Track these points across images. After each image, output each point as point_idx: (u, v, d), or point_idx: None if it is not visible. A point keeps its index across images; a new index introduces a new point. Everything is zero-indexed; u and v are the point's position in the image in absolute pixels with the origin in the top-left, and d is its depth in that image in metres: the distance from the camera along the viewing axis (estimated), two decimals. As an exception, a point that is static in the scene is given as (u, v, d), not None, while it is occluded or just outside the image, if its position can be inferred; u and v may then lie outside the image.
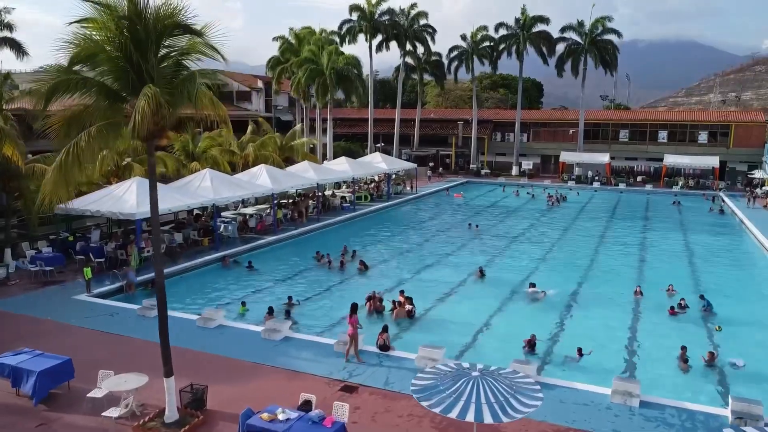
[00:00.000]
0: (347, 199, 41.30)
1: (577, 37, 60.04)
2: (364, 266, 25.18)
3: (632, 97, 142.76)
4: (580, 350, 16.08)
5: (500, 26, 62.16)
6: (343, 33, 59.34)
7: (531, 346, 16.55)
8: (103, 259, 23.72)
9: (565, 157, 59.50)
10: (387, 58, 66.29)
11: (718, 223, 38.30)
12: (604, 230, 35.50)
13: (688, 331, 18.37)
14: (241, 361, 15.18)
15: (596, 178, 57.31)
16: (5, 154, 21.87)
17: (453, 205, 45.12)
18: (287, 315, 18.96)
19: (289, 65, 54.21)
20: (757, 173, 51.77)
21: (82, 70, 11.13)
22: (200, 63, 11.83)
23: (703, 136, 58.87)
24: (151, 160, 11.82)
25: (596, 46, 58.87)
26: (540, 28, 60.82)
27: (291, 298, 20.32)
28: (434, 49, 64.78)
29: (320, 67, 50.93)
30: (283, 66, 55.53)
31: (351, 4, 58.68)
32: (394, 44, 61.38)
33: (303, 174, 35.20)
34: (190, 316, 18.37)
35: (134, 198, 23.24)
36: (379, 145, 59.23)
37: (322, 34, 57.99)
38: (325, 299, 21.59)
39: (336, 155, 51.93)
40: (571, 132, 62.24)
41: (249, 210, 35.34)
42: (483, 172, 62.75)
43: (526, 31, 60.51)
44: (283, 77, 56.53)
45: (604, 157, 57.92)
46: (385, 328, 16.21)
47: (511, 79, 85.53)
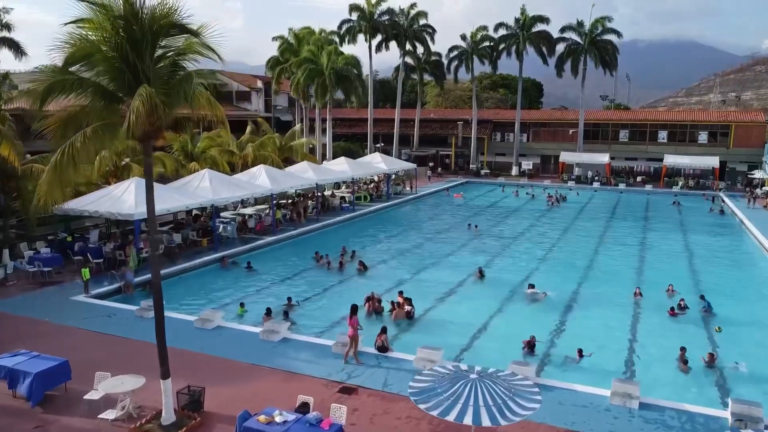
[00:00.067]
0: (347, 200, 41.24)
1: (576, 37, 60.01)
2: (363, 267, 25.11)
3: (632, 97, 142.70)
4: (581, 351, 16.03)
5: (500, 26, 62.13)
6: (342, 33, 59.32)
7: (530, 347, 16.50)
8: (102, 260, 23.67)
9: (565, 157, 59.43)
10: (387, 58, 66.37)
11: (718, 224, 38.23)
12: (604, 230, 35.44)
13: (688, 332, 18.30)
14: (239, 362, 15.12)
15: (596, 178, 57.24)
16: (2, 155, 21.84)
17: (453, 206, 45.05)
18: (285, 316, 18.90)
19: (289, 65, 54.19)
20: (757, 173, 51.70)
21: (78, 71, 11.06)
22: (198, 63, 11.76)
23: (703, 137, 58.81)
24: (147, 160, 11.73)
25: (596, 46, 58.83)
26: (540, 27, 60.83)
27: (290, 299, 20.27)
28: (434, 49, 64.90)
29: (320, 67, 50.86)
30: (282, 66, 55.55)
31: (351, 4, 58.66)
32: (393, 44, 61.37)
33: (302, 174, 35.15)
34: (188, 317, 18.30)
35: (132, 198, 23.16)
36: (378, 145, 59.22)
37: (321, 34, 58.00)
38: (324, 300, 21.52)
39: (335, 155, 51.88)
40: (570, 132, 62.18)
41: (248, 210, 35.25)
42: (483, 173, 62.68)
43: (526, 31, 60.46)
44: (283, 77, 56.58)
45: (604, 158, 57.86)
46: (383, 330, 16.15)
47: (511, 79, 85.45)
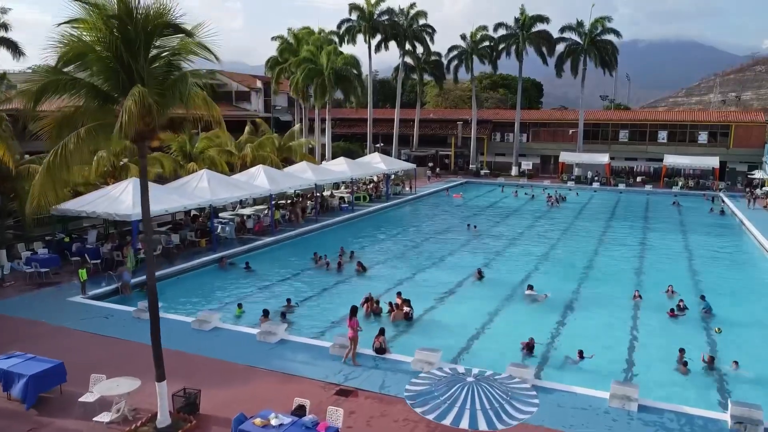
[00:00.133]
0: (346, 200, 41.15)
1: (576, 37, 59.89)
2: (362, 267, 25.02)
3: (632, 97, 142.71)
4: (581, 352, 15.93)
5: (500, 26, 62.01)
6: (342, 33, 59.24)
7: (529, 349, 16.41)
8: (99, 261, 23.57)
9: (565, 157, 59.33)
10: (386, 58, 66.26)
11: (718, 224, 38.14)
12: (604, 231, 35.35)
13: (688, 333, 18.21)
14: (236, 364, 15.03)
15: (596, 178, 57.15)
16: (-2, 155, 21.76)
17: (452, 206, 44.95)
18: (283, 317, 18.81)
19: (288, 65, 54.05)
20: (757, 173, 51.61)
21: (73, 71, 10.96)
22: (195, 63, 11.66)
23: (703, 137, 58.70)
24: (142, 161, 11.64)
25: (596, 46, 58.73)
26: (539, 27, 60.71)
27: (290, 300, 20.18)
28: (434, 49, 64.75)
29: (319, 67, 50.73)
30: (281, 66, 55.41)
31: (350, 4, 58.57)
32: (393, 44, 61.29)
33: (301, 174, 35.07)
34: (186, 318, 18.23)
35: (130, 199, 23.12)
36: (378, 146, 59.13)
37: (320, 34, 57.87)
38: (323, 301, 21.44)
39: (335, 155, 51.76)
40: (570, 132, 62.10)
41: (247, 211, 35.14)
42: (482, 173, 62.59)
43: (526, 31, 60.36)
44: (282, 77, 56.45)
45: (604, 158, 57.76)
46: (381, 331, 16.05)
47: (510, 79, 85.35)
